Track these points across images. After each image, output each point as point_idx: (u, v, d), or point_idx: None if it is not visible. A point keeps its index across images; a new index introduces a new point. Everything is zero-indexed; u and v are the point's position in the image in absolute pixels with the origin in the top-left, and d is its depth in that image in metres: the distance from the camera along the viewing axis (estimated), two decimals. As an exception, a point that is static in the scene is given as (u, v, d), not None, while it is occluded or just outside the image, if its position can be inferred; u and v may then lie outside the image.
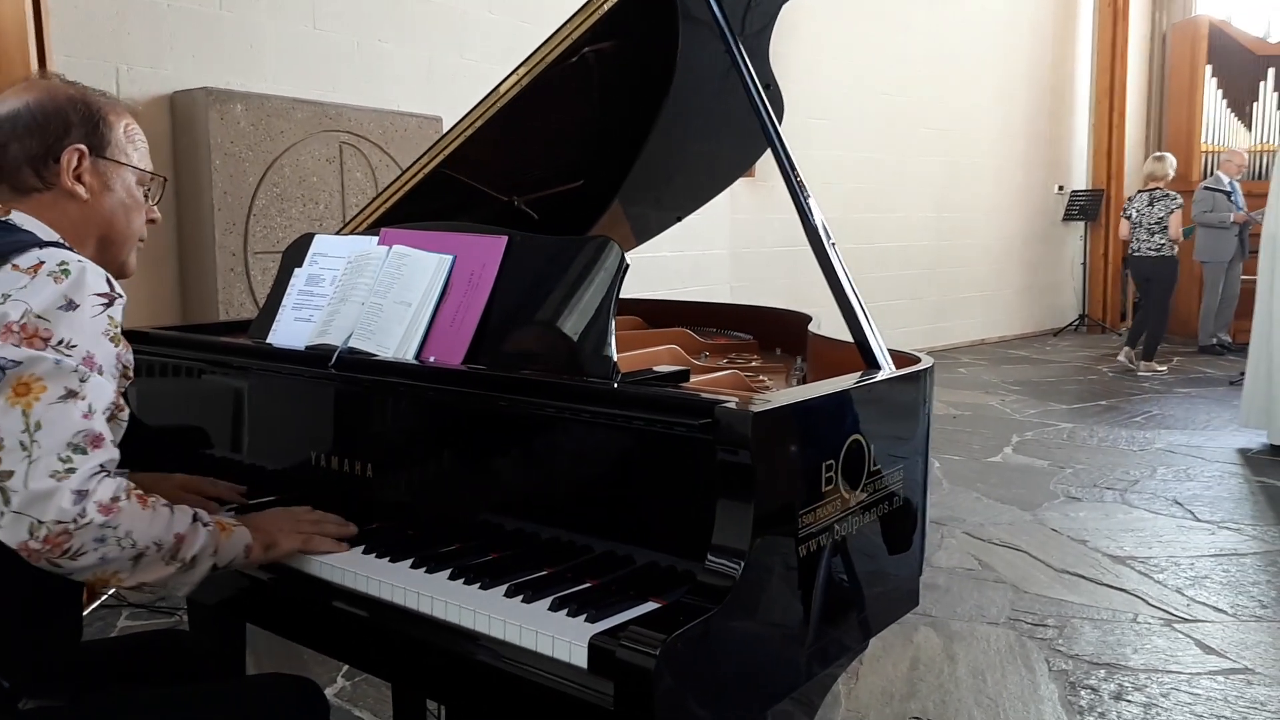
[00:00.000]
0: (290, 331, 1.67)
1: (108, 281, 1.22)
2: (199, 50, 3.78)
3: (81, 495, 1.08)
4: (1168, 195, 7.58)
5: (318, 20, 4.19)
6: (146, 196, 1.42)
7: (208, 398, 1.70)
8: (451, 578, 1.22)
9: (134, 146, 1.40)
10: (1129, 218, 7.73)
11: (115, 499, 1.10)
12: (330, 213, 3.81)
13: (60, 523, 1.06)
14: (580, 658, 1.03)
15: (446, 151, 1.83)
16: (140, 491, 1.15)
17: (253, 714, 1.32)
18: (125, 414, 1.28)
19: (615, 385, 1.27)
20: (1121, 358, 8.06)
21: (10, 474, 1.07)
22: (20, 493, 1.06)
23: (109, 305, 1.20)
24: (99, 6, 3.50)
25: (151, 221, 1.45)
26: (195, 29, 3.77)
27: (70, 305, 1.16)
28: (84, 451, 1.10)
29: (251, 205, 3.57)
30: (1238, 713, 2.46)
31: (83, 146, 1.31)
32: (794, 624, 1.16)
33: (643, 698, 0.96)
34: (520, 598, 1.15)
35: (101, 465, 1.11)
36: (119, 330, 1.22)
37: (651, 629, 0.99)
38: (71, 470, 1.08)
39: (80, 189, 1.32)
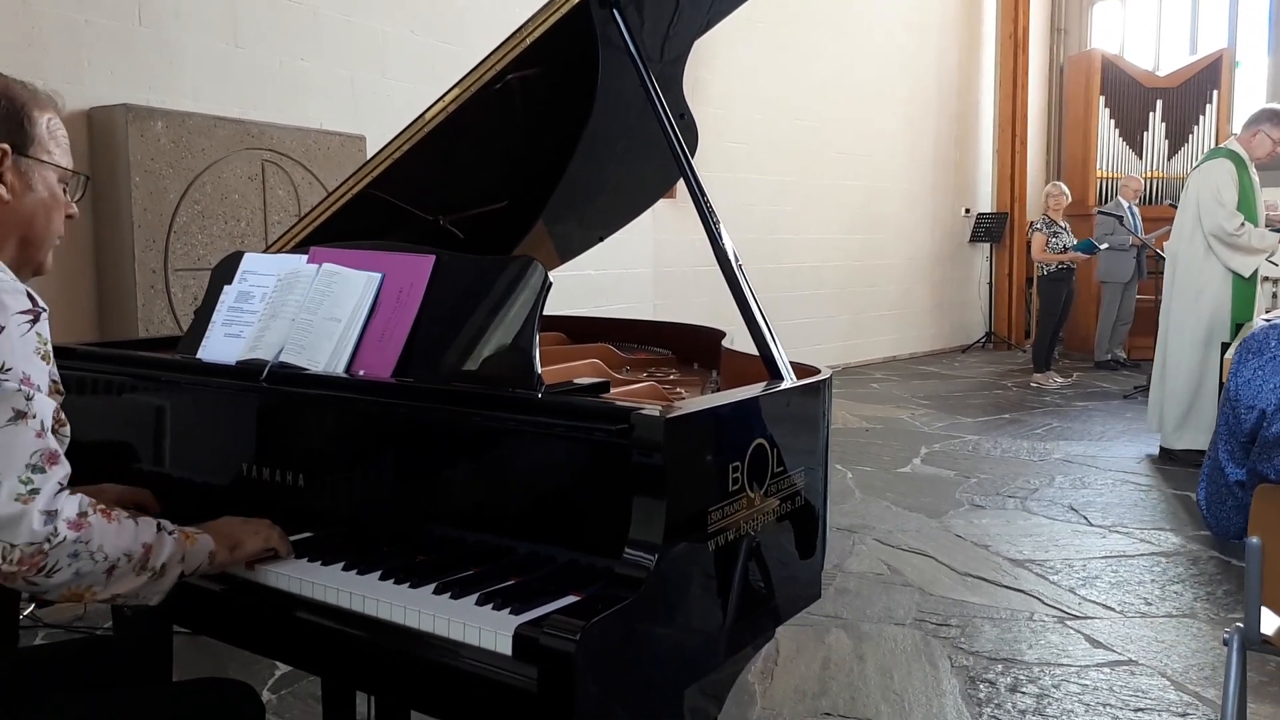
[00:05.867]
0: (220, 347, 1.71)
1: (29, 297, 1.20)
2: (117, 66, 3.75)
3: (51, 515, 1.10)
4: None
5: (239, 38, 4.20)
6: (66, 193, 1.38)
7: (138, 413, 1.73)
8: (382, 578, 1.29)
9: (56, 143, 1.35)
10: None
11: (83, 514, 1.13)
12: (252, 230, 3.82)
13: (33, 544, 1.08)
14: (505, 646, 1.11)
15: (375, 173, 1.90)
16: (103, 506, 1.18)
17: (191, 717, 1.36)
18: (66, 429, 1.27)
19: (539, 395, 1.35)
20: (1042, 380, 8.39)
21: None
22: None
23: (35, 321, 1.19)
24: (13, 20, 3.46)
25: (69, 217, 1.41)
26: (113, 45, 3.75)
27: None
28: (43, 470, 1.12)
29: (172, 222, 3.56)
30: (1121, 700, 2.65)
31: (4, 145, 1.27)
32: (706, 612, 1.26)
33: (564, 680, 1.05)
34: (448, 594, 1.23)
35: (60, 482, 1.13)
36: (49, 347, 1.21)
37: (572, 618, 1.08)
38: (35, 491, 1.10)
39: (1, 189, 1.28)
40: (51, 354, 1.22)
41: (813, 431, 1.50)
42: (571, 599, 1.19)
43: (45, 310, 1.21)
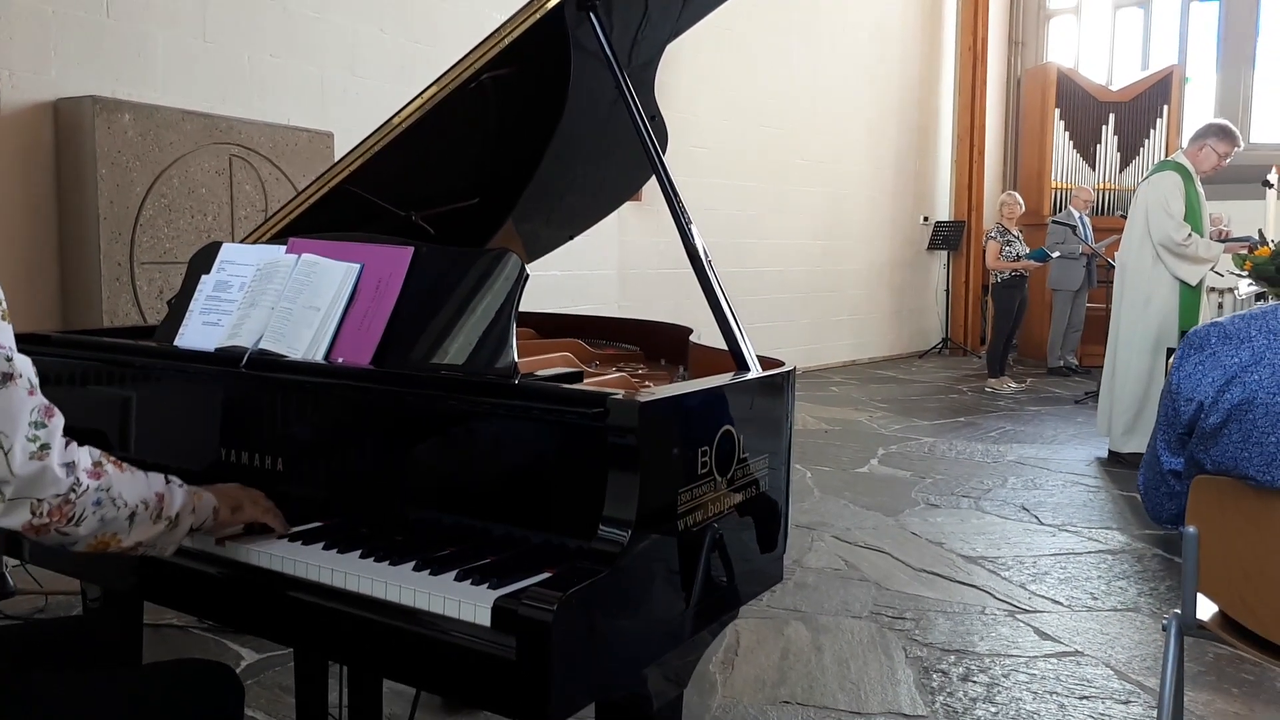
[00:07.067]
0: (198, 335, 1.74)
1: None
2: (85, 58, 3.74)
3: (70, 467, 1.16)
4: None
5: (208, 32, 4.20)
6: None
7: (115, 399, 1.75)
8: (362, 556, 1.33)
9: None
10: None
11: (98, 464, 1.19)
12: (219, 224, 3.82)
13: (58, 495, 1.14)
14: (484, 618, 1.16)
15: (352, 168, 1.93)
16: (113, 458, 1.23)
17: (172, 697, 1.38)
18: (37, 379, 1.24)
19: (516, 382, 1.40)
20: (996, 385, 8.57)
21: None
22: (11, 481, 1.12)
23: None
24: (-22, 10, 3.45)
25: None
26: (81, 36, 3.73)
27: None
28: (44, 425, 1.15)
29: (138, 215, 3.56)
30: (1067, 689, 2.75)
31: None
32: (675, 588, 1.32)
33: (542, 647, 1.10)
34: (428, 571, 1.27)
35: (62, 433, 1.18)
36: (4, 306, 1.20)
37: (549, 589, 1.13)
38: (46, 447, 1.14)
39: None
40: (7, 312, 1.20)
41: (777, 420, 1.57)
42: (547, 575, 1.24)
43: None
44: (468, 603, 1.18)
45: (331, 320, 1.61)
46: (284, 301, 1.65)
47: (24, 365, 1.18)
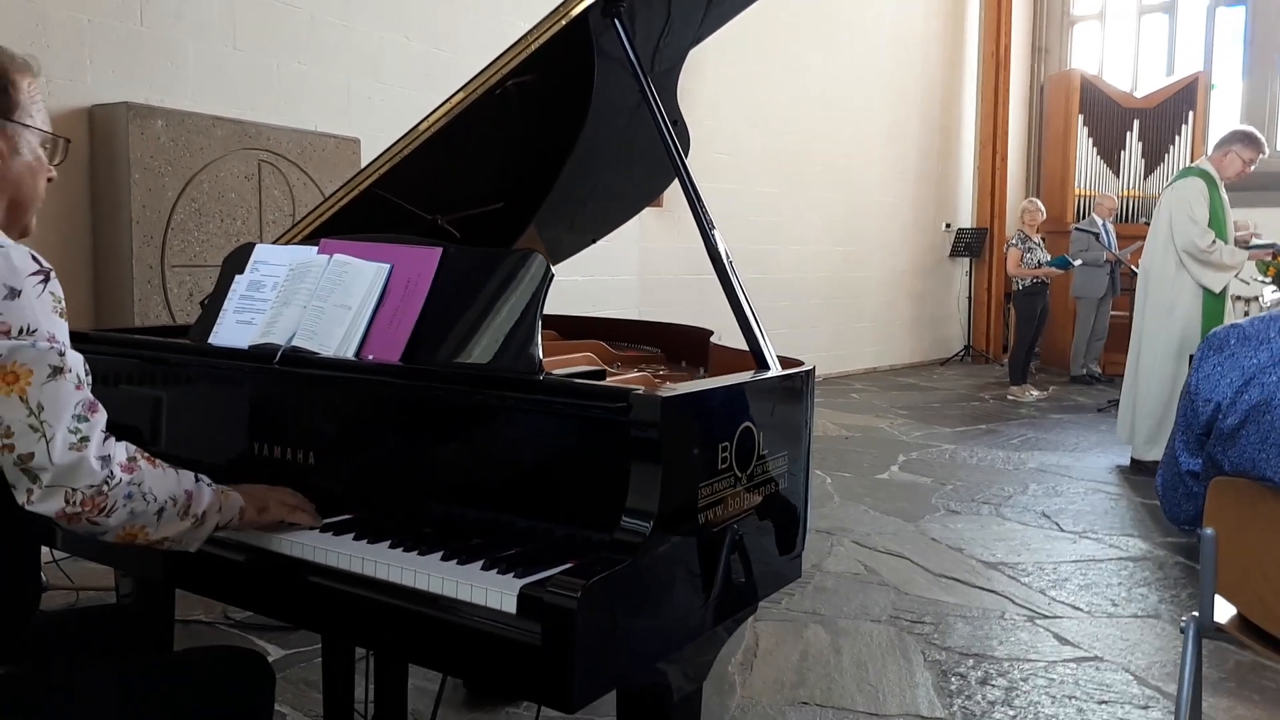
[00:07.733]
0: (232, 333, 1.79)
1: (33, 258, 1.23)
2: (118, 65, 3.82)
3: (105, 460, 1.20)
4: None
5: (238, 40, 4.28)
6: (47, 156, 1.40)
7: (151, 396, 1.80)
8: (391, 546, 1.37)
9: (37, 107, 1.38)
10: None
11: (132, 459, 1.23)
12: (248, 228, 3.88)
13: (92, 486, 1.18)
14: (510, 605, 1.19)
15: (380, 172, 1.98)
16: (147, 454, 1.27)
17: (206, 683, 1.43)
18: (90, 378, 1.30)
19: (541, 378, 1.44)
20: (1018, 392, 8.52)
21: (31, 455, 1.16)
22: (49, 469, 1.17)
23: (46, 281, 1.22)
24: (17, 18, 3.53)
25: (50, 180, 1.43)
26: (115, 44, 3.81)
27: (13, 293, 1.18)
28: (87, 419, 1.21)
29: (170, 219, 3.63)
30: (1086, 693, 2.75)
31: None
32: (695, 580, 1.34)
33: (566, 633, 1.13)
34: (455, 560, 1.31)
35: (103, 429, 1.23)
36: (63, 304, 1.25)
37: (573, 578, 1.17)
38: (85, 439, 1.19)
39: None
40: (65, 310, 1.26)
41: (797, 419, 1.60)
42: (571, 565, 1.27)
43: (51, 269, 1.25)
44: (494, 590, 1.21)
45: (362, 318, 1.65)
46: (316, 300, 1.70)
47: (75, 361, 1.23)
